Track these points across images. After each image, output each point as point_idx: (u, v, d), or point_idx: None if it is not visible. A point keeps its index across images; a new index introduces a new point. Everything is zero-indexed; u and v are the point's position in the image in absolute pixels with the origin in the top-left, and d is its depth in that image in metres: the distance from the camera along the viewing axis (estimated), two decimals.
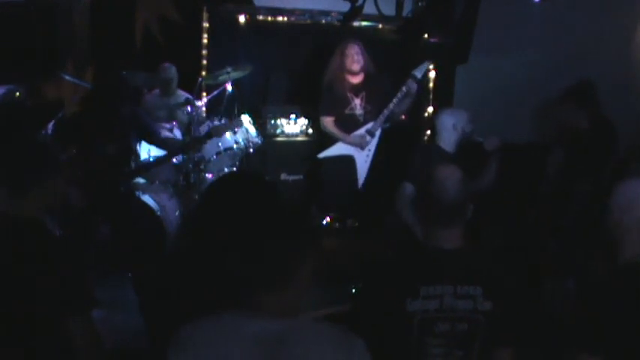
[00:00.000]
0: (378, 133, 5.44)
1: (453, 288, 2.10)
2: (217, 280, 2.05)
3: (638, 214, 2.22)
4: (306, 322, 1.71)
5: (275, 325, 1.66)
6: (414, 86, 5.25)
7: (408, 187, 4.07)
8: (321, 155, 5.57)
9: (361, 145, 5.42)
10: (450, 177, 2.22)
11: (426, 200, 2.23)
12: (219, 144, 5.49)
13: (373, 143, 5.45)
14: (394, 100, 5.29)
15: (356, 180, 5.47)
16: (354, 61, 5.27)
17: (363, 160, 5.46)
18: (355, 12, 4.63)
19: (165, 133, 5.55)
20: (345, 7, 4.64)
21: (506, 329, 2.15)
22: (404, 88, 5.24)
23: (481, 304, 2.11)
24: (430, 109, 6.72)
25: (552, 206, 4.49)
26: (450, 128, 4.17)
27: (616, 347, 2.06)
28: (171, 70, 6.00)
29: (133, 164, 4.78)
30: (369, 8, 4.52)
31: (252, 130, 5.74)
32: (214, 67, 5.91)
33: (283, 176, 6.16)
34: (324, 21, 6.42)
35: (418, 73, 5.31)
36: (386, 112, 5.35)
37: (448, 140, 4.19)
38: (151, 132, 4.76)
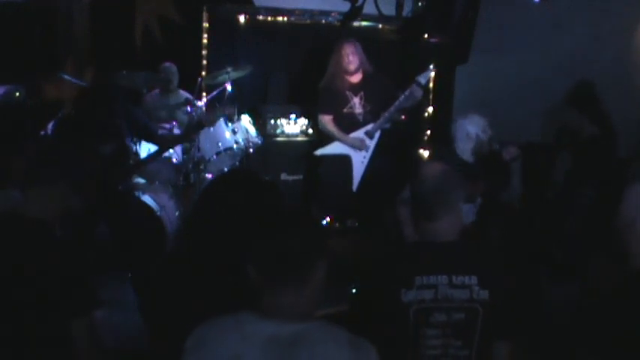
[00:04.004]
0: (377, 134, 5.43)
1: (447, 278, 2.12)
2: (228, 282, 2.05)
3: None
4: (320, 325, 1.70)
5: (290, 326, 1.66)
6: (419, 93, 5.23)
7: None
8: (318, 152, 5.56)
9: (360, 147, 5.41)
10: (431, 171, 2.24)
11: (411, 195, 2.25)
12: (219, 144, 5.49)
13: (371, 145, 5.44)
14: (395, 103, 5.28)
15: (351, 180, 5.46)
16: (349, 61, 5.27)
17: (359, 160, 5.45)
18: (355, 12, 4.62)
19: (165, 133, 5.55)
20: (345, 7, 4.63)
21: (503, 320, 2.16)
22: (407, 92, 5.22)
23: (477, 294, 2.12)
24: (430, 109, 6.73)
25: (556, 210, 4.49)
26: (463, 137, 3.98)
27: (622, 351, 2.06)
28: (172, 69, 6.01)
29: (131, 163, 4.77)
30: (369, 8, 4.51)
31: (252, 130, 5.74)
32: (214, 67, 5.91)
33: (283, 176, 6.16)
34: (324, 21, 6.43)
35: (422, 79, 5.30)
36: (386, 114, 5.34)
37: (464, 148, 3.99)
38: (148, 130, 4.75)
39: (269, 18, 6.32)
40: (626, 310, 2.09)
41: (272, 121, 6.20)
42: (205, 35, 6.15)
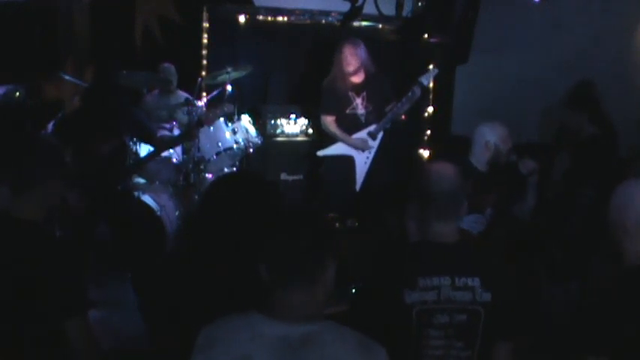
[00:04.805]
0: (379, 135, 5.43)
1: (450, 279, 2.12)
2: (226, 281, 2.05)
3: (634, 215, 2.22)
4: (329, 326, 1.71)
5: (299, 327, 1.67)
6: (418, 92, 5.22)
7: None
8: (321, 153, 5.55)
9: (363, 148, 5.41)
10: (444, 171, 2.24)
11: (422, 195, 2.24)
12: (219, 144, 5.49)
13: (374, 145, 5.44)
14: (398, 104, 5.27)
15: (354, 181, 5.45)
16: (348, 63, 5.24)
17: (362, 161, 5.44)
18: (355, 12, 4.62)
19: (164, 133, 5.55)
20: (345, 7, 4.63)
21: (505, 321, 2.16)
22: (409, 93, 5.21)
23: (480, 296, 2.12)
24: (430, 109, 6.73)
25: (556, 210, 4.48)
26: (482, 144, 3.81)
27: (621, 350, 2.06)
28: (171, 70, 6.01)
29: (131, 162, 4.77)
30: (369, 8, 4.51)
31: (252, 130, 5.74)
32: (214, 67, 5.91)
33: (283, 176, 6.15)
34: (324, 21, 6.42)
35: (425, 80, 5.29)
36: (389, 115, 5.33)
37: (480, 157, 3.83)
38: (147, 131, 4.75)
39: (269, 18, 6.32)
40: (621, 307, 2.10)
41: (272, 121, 6.19)
42: (205, 35, 6.14)
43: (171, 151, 5.23)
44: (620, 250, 2.26)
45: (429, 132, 6.80)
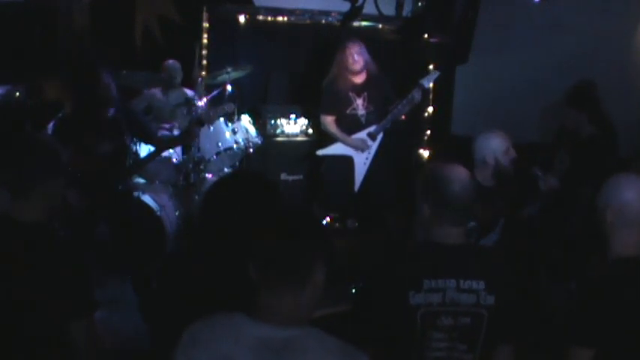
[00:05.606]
0: (379, 136, 5.43)
1: (455, 282, 2.12)
2: (227, 282, 2.05)
3: (617, 209, 2.27)
4: (313, 332, 1.69)
5: (283, 331, 1.65)
6: (419, 95, 5.23)
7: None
8: (320, 152, 5.55)
9: (362, 149, 5.41)
10: (459, 175, 2.23)
11: (437, 197, 2.22)
12: (219, 144, 5.49)
13: (374, 146, 5.43)
14: (399, 107, 5.28)
15: (353, 181, 5.45)
16: (355, 61, 5.25)
17: (362, 161, 5.45)
18: (355, 12, 4.62)
19: (164, 133, 5.55)
20: (345, 7, 4.64)
21: (508, 324, 2.17)
22: (410, 96, 5.22)
23: (484, 299, 2.12)
24: (430, 109, 6.73)
25: (556, 210, 4.48)
26: (480, 161, 3.64)
27: (605, 341, 2.09)
28: (176, 67, 6.00)
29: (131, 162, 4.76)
30: (369, 8, 4.52)
31: (252, 130, 5.74)
32: (214, 67, 5.91)
33: (283, 176, 6.15)
34: (324, 21, 6.42)
35: (426, 83, 5.29)
36: (389, 116, 5.34)
37: (482, 172, 3.64)
38: (147, 131, 4.74)
39: (269, 18, 6.32)
40: (603, 299, 2.12)
41: (272, 121, 6.19)
42: (205, 35, 6.15)
43: (171, 151, 5.22)
44: (608, 243, 2.30)
45: (429, 132, 6.81)
